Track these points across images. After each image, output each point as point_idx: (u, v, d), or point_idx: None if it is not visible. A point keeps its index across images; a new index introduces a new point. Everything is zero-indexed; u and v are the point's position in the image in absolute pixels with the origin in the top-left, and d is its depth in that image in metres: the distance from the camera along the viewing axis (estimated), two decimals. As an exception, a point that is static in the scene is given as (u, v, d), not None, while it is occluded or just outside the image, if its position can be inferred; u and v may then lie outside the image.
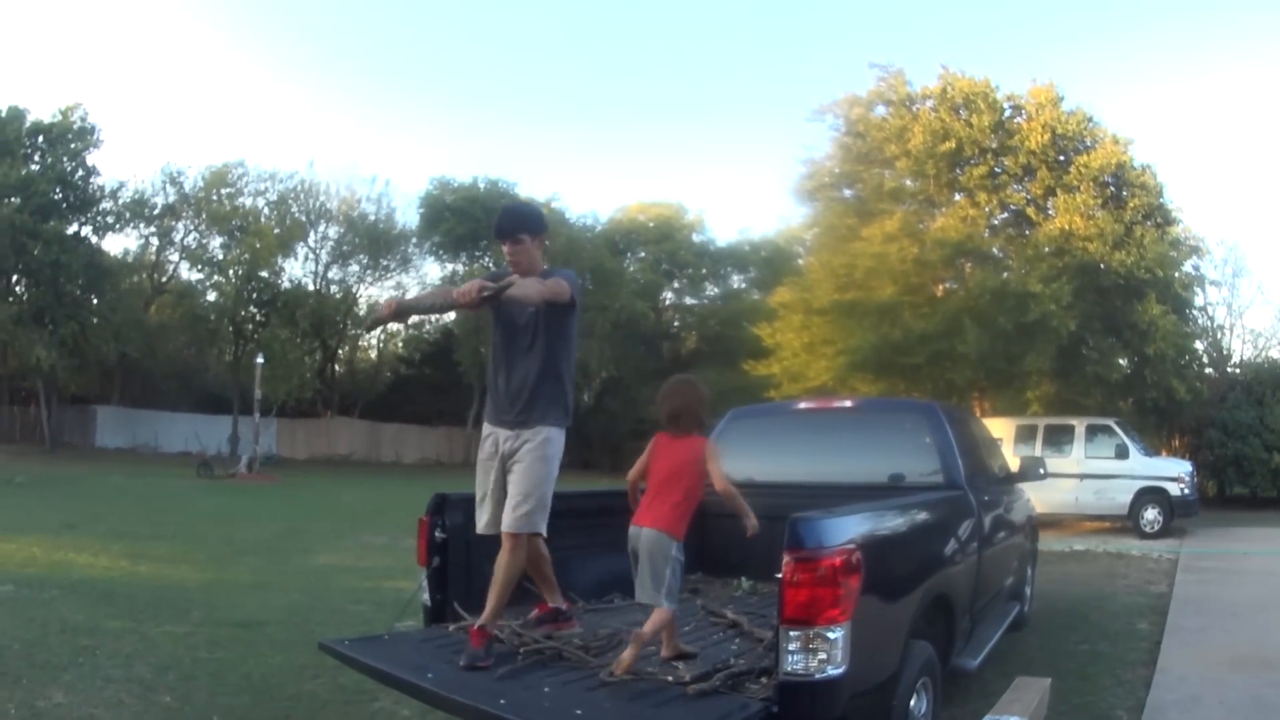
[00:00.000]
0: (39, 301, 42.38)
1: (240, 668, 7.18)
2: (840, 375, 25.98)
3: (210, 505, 22.31)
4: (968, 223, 25.87)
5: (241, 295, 46.83)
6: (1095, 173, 24.72)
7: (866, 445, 7.90)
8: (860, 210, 28.35)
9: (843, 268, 27.07)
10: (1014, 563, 8.64)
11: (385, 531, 17.32)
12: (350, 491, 29.80)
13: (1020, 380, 24.76)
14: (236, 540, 15.78)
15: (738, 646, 5.25)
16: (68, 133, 44.71)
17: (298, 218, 52.47)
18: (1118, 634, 9.50)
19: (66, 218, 44.59)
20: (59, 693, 6.26)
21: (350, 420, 52.97)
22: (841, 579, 3.96)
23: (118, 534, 15.48)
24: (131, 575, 11.56)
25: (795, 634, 3.91)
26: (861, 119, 28.82)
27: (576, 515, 6.81)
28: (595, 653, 4.97)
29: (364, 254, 54.28)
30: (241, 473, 33.66)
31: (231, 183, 50.82)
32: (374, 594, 10.39)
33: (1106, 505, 20.87)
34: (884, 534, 4.89)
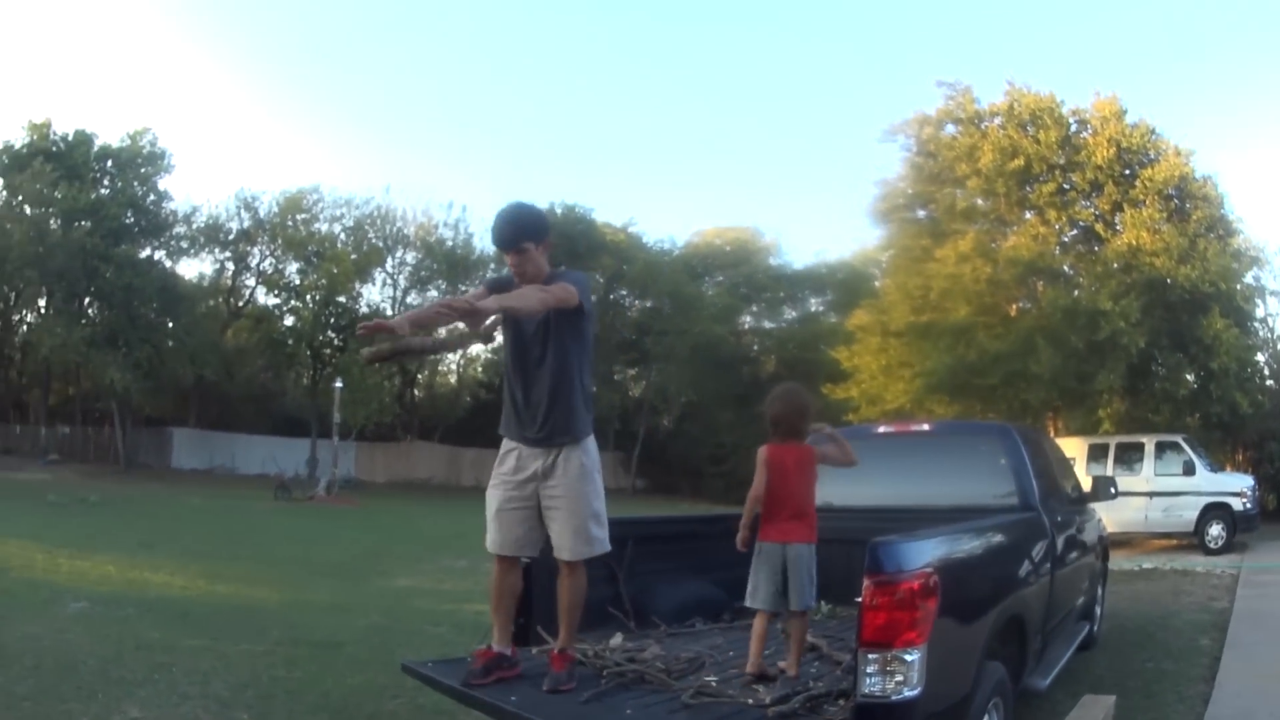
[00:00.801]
0: (112, 324, 42.82)
1: (318, 687, 7.19)
2: (917, 397, 25.99)
3: (288, 527, 22.52)
4: (1039, 241, 25.83)
5: (319, 320, 46.99)
6: (1159, 186, 24.65)
7: (943, 468, 7.95)
8: (933, 231, 28.36)
9: (918, 289, 27.10)
10: (1085, 583, 8.62)
11: (465, 555, 17.24)
12: (430, 515, 29.80)
13: (1092, 399, 24.62)
14: (315, 562, 15.95)
15: (816, 669, 5.30)
16: (137, 157, 45.29)
17: (375, 243, 52.71)
18: (1181, 651, 9.50)
19: (138, 241, 45.25)
20: (134, 708, 6.29)
21: (430, 445, 52.87)
22: (919, 602, 4.01)
23: (194, 554, 15.65)
24: (209, 594, 11.69)
25: (873, 656, 3.95)
26: (932, 138, 28.83)
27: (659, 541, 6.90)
28: (677, 675, 5.01)
29: (442, 279, 54.08)
30: (320, 495, 33.87)
31: (307, 208, 51.28)
32: (454, 617, 10.43)
33: (1174, 522, 20.73)
34: (960, 557, 4.92)
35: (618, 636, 5.84)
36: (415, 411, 56.36)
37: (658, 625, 6.31)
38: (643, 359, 52.07)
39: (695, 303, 49.89)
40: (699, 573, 7.14)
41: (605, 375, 50.56)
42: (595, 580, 5.87)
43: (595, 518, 5.16)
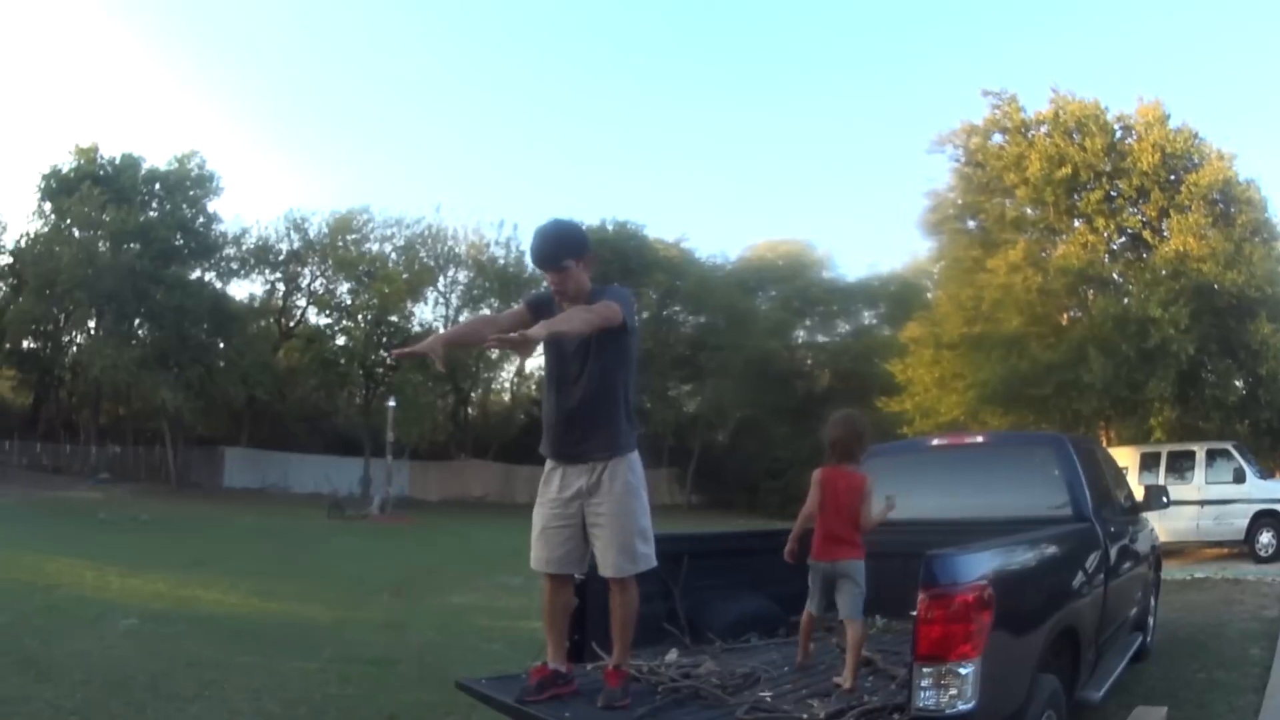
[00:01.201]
0: (163, 345, 43.31)
1: (372, 704, 7.24)
2: (971, 409, 25.92)
3: (342, 545, 22.62)
4: (1088, 249, 25.72)
5: (371, 339, 47.30)
6: (1204, 191, 24.49)
7: (997, 480, 7.93)
8: (984, 241, 28.37)
9: (970, 300, 27.06)
10: (1138, 593, 8.56)
11: (520, 572, 16.95)
12: (484, 533, 29.78)
13: (1144, 407, 24.42)
14: (368, 580, 15.95)
15: (871, 684, 5.28)
16: (185, 180, 45.80)
17: (426, 262, 53.07)
18: (1233, 661, 9.42)
19: (188, 263, 45.79)
20: None
21: (484, 462, 52.91)
22: (974, 615, 4.01)
23: (247, 571, 15.72)
24: (261, 612, 11.76)
25: (928, 670, 3.96)
26: (979, 148, 28.80)
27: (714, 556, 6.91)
28: (732, 691, 4.99)
29: (495, 298, 54.06)
30: (373, 514, 33.99)
31: (357, 229, 51.71)
32: (509, 634, 10.41)
33: (1225, 530, 20.50)
34: (1014, 569, 4.90)
35: (673, 652, 5.85)
36: (469, 429, 56.62)
37: (713, 641, 6.32)
38: (697, 375, 51.95)
39: (748, 318, 50.11)
40: (754, 588, 7.15)
41: (660, 391, 50.71)
42: (650, 596, 5.90)
43: (641, 534, 5.11)
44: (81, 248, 41.77)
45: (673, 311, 51.55)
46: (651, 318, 49.08)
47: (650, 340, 46.55)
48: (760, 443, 48.85)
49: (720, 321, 50.82)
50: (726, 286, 51.14)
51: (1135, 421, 25.29)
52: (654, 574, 5.48)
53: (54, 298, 42.92)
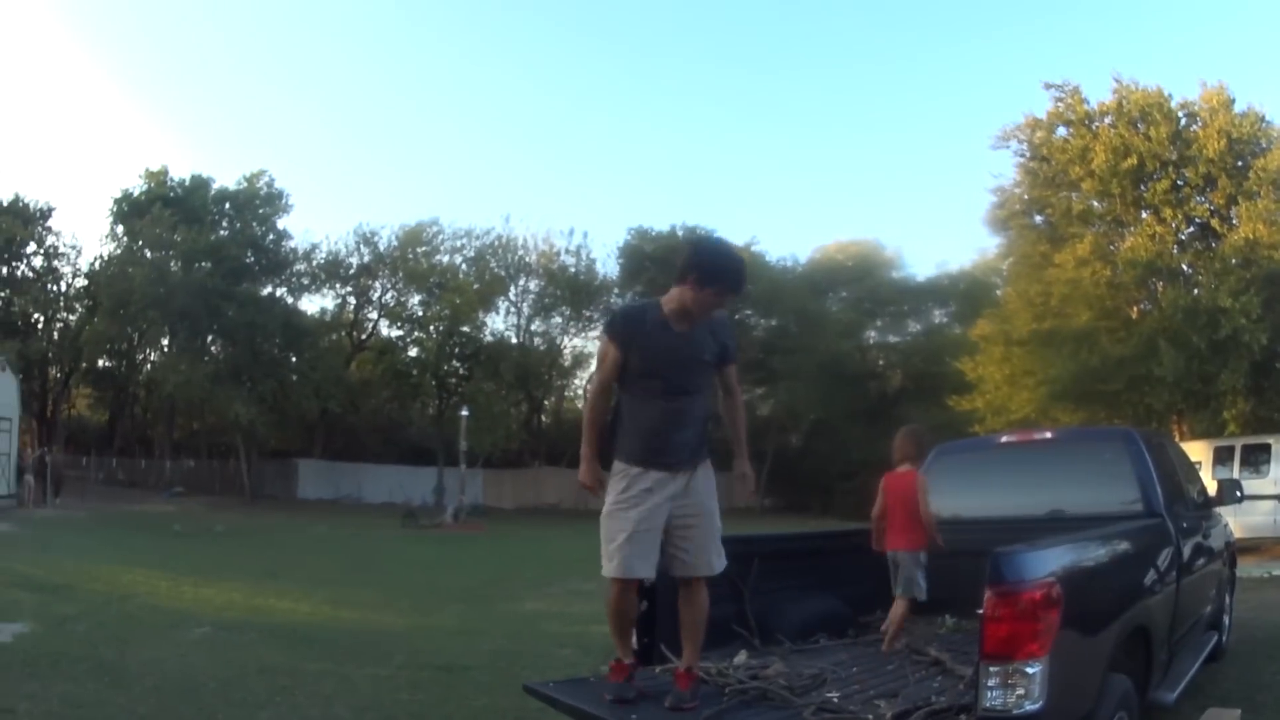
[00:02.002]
0: (236, 360, 44.03)
1: (442, 710, 7.29)
2: (1042, 406, 25.75)
3: (415, 554, 22.77)
4: (1156, 240, 25.39)
5: (443, 350, 47.65)
6: (1273, 175, 24.08)
7: (1066, 476, 7.86)
8: (1051, 236, 28.19)
9: (1038, 296, 26.91)
10: (1212, 591, 8.42)
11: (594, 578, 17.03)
12: (558, 540, 29.83)
13: (1216, 400, 24.06)
14: (441, 588, 16.04)
15: (939, 684, 5.24)
16: (255, 199, 46.56)
17: (496, 272, 53.39)
18: (1314, 664, 9.15)
19: (259, 280, 46.53)
20: None
21: (558, 470, 52.02)
22: (1041, 613, 3.96)
23: (320, 581, 15.88)
24: (333, 620, 11.87)
25: (995, 669, 3.92)
26: (1044, 142, 28.63)
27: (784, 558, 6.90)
28: (799, 692, 4.97)
29: (566, 306, 54.72)
30: (447, 523, 34.07)
31: (427, 240, 52.13)
32: (580, 639, 10.41)
33: (1303, 526, 20.03)
34: (1083, 566, 4.83)
35: (742, 654, 5.84)
36: (542, 437, 56.67)
37: (782, 642, 6.30)
38: (769, 378, 51.47)
39: (820, 319, 50.08)
40: (823, 589, 7.15)
41: None
42: (720, 599, 5.88)
43: (720, 533, 5.28)
44: (154, 268, 42.59)
45: (744, 315, 51.05)
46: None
47: None
48: (834, 444, 48.48)
49: (791, 324, 50.90)
50: (797, 288, 51.08)
51: (1208, 415, 24.92)
52: (723, 576, 5.53)
53: (127, 317, 43.68)
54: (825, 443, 50.21)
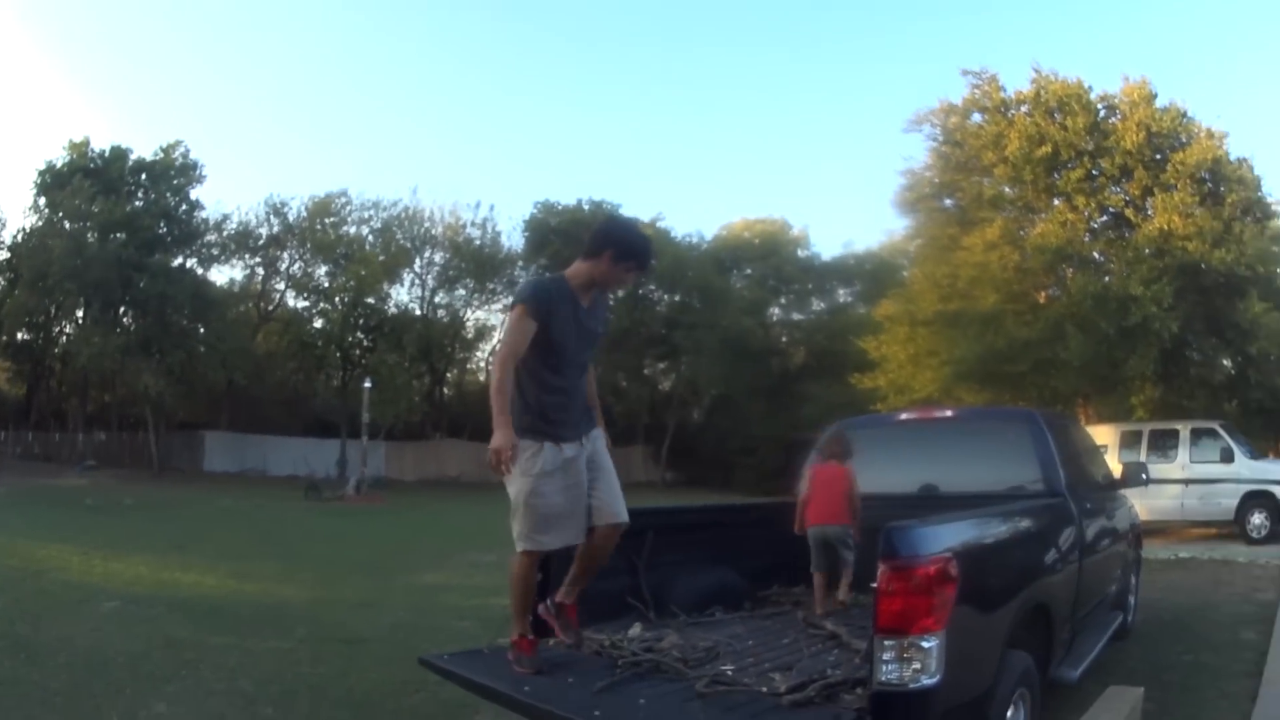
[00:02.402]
0: (146, 332, 43.46)
1: (343, 683, 7.31)
2: (945, 386, 25.80)
3: (318, 527, 22.59)
4: (1067, 227, 25.47)
5: (348, 321, 47.53)
6: (1192, 170, 24.20)
7: (967, 455, 7.84)
8: (961, 219, 28.18)
9: (945, 278, 26.93)
10: (1116, 571, 8.47)
11: (493, 550, 16.94)
12: (458, 512, 29.89)
13: (1124, 386, 24.32)
14: (343, 560, 15.98)
15: (835, 658, 5.22)
16: (170, 169, 45.90)
17: (403, 244, 53.15)
18: (1222, 644, 9.28)
19: (171, 251, 45.85)
20: (161, 704, 6.43)
21: (459, 442, 52.53)
22: (937, 588, 3.93)
23: (224, 554, 15.73)
24: (237, 593, 11.78)
25: (890, 643, 3.88)
26: (958, 127, 28.59)
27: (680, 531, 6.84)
28: (693, 665, 4.94)
29: (470, 278, 54.80)
30: (349, 495, 33.91)
31: (335, 212, 51.75)
32: (479, 611, 10.38)
33: (1212, 511, 20.20)
34: (981, 543, 4.81)
35: (636, 627, 5.81)
36: (444, 410, 56.72)
37: (677, 615, 6.24)
38: (672, 353, 52.06)
39: (724, 296, 50.23)
40: (720, 562, 7.10)
41: (634, 369, 51.40)
42: (615, 571, 5.92)
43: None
44: (71, 239, 41.88)
45: (648, 290, 51.33)
46: (627, 296, 48.53)
47: (625, 319, 47.07)
48: (735, 420, 48.80)
49: (695, 300, 50.89)
50: (702, 265, 51.39)
51: (1115, 399, 25.19)
52: (618, 549, 5.56)
53: (46, 290, 43.02)
54: (726, 418, 50.48)
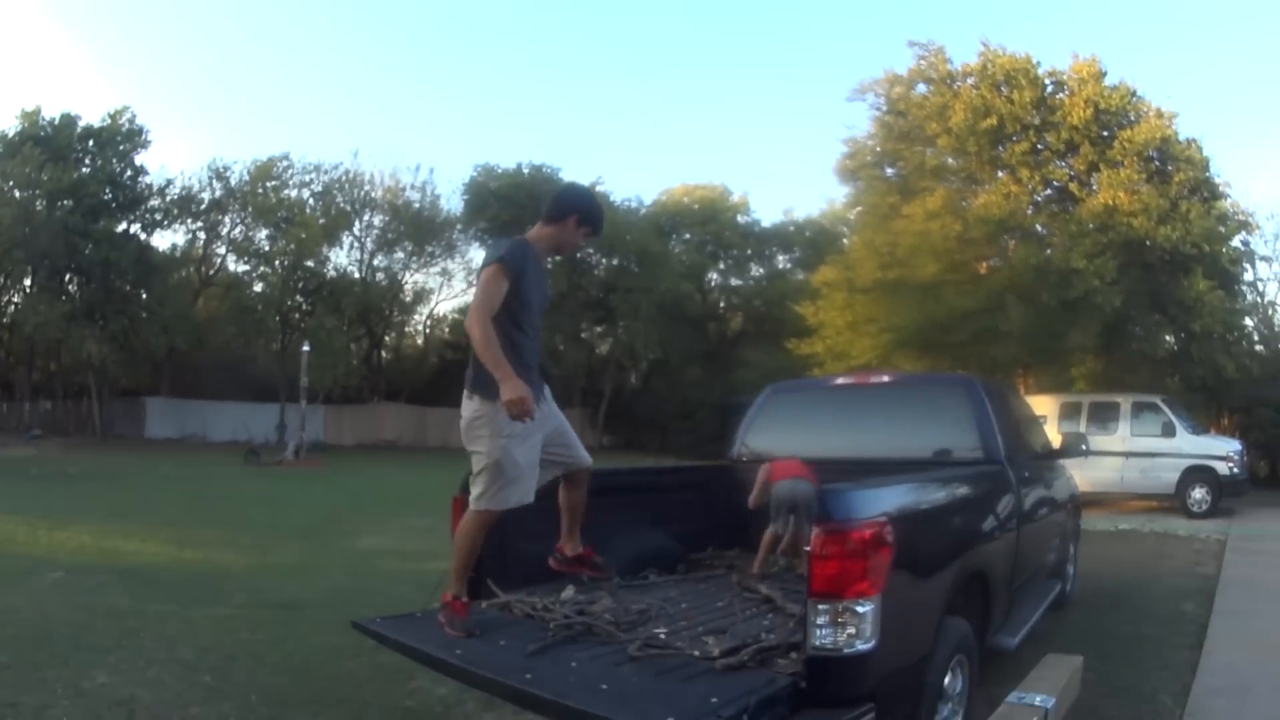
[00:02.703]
0: (90, 299, 43.09)
1: (280, 649, 7.35)
2: (884, 353, 25.73)
3: (257, 492, 22.41)
4: (1010, 199, 25.51)
5: (288, 285, 47.29)
6: (1139, 147, 24.31)
7: (904, 420, 7.73)
8: (902, 188, 28.04)
9: (885, 246, 26.79)
10: (1055, 540, 8.49)
11: (430, 514, 16.87)
12: (396, 476, 29.91)
13: (1065, 357, 24.44)
14: (281, 525, 15.84)
15: (770, 622, 5.16)
16: (117, 135, 45.50)
17: (343, 208, 52.78)
18: (1162, 616, 9.38)
19: (116, 216, 45.43)
20: (103, 674, 6.42)
21: (397, 406, 52.84)
22: (871, 552, 3.90)
23: (165, 521, 15.57)
24: (177, 560, 11.68)
25: (823, 607, 3.84)
26: (902, 97, 28.54)
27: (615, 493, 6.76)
28: (626, 628, 4.89)
29: (409, 241, 54.62)
30: (288, 459, 33.72)
31: (277, 175, 51.18)
32: (416, 575, 10.23)
33: (1153, 484, 20.45)
34: (917, 508, 4.80)
35: (569, 589, 5.71)
36: (382, 374, 56.39)
37: (610, 578, 6.15)
38: (609, 317, 51.66)
39: (662, 260, 49.97)
40: (654, 525, 7.05)
41: (572, 333, 51.05)
42: (548, 533, 5.84)
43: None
44: (20, 208, 41.55)
45: (586, 254, 50.76)
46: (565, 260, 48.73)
47: (564, 282, 46.85)
48: (672, 384, 49.01)
49: (633, 264, 50.58)
50: (641, 230, 51.03)
51: (1055, 371, 25.28)
52: (550, 508, 5.61)
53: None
54: (663, 382, 50.86)
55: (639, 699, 3.81)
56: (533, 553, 5.82)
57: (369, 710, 6.07)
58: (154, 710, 5.81)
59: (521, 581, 5.68)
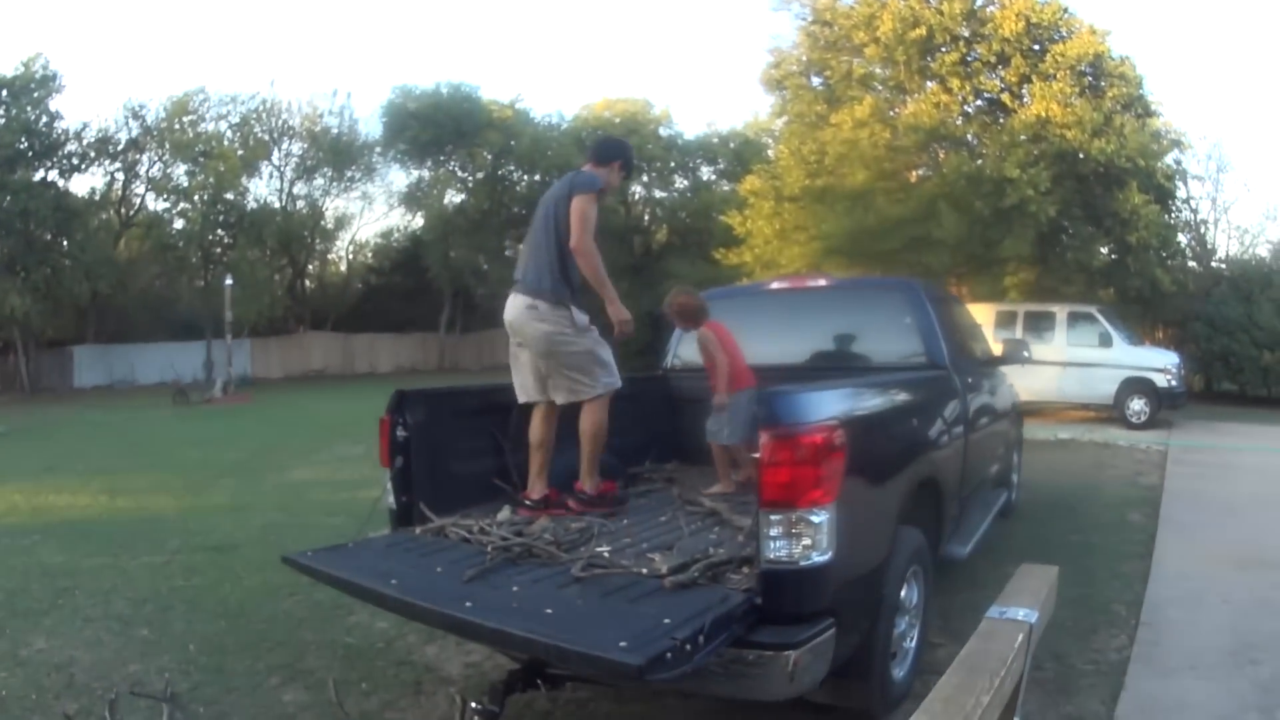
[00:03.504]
0: (10, 251, 42.11)
1: (216, 593, 7.30)
2: (814, 262, 25.51)
3: (187, 432, 22.09)
4: (940, 109, 25.34)
5: (208, 220, 46.51)
6: (1072, 62, 24.09)
7: (845, 325, 7.52)
8: (829, 98, 27.80)
9: (813, 154, 26.56)
10: (1000, 449, 8.41)
11: (360, 442, 16.98)
12: (324, 405, 29.86)
13: (998, 266, 24.40)
14: (212, 464, 15.67)
15: (717, 536, 4.99)
16: (30, 83, 44.36)
17: (261, 138, 52.03)
18: (1110, 525, 9.46)
19: (33, 165, 44.38)
20: (40, 638, 6.30)
21: (323, 334, 52.56)
22: (824, 458, 3.71)
23: (96, 470, 15.30)
24: (110, 510, 11.49)
25: (776, 518, 3.66)
26: (828, 7, 28.13)
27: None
28: (567, 548, 4.68)
29: (328, 167, 54.01)
30: (216, 396, 33.41)
31: (194, 110, 50.09)
32: (349, 506, 10.29)
33: (1090, 394, 20.57)
34: (867, 412, 4.65)
35: (505, 510, 5.49)
36: (307, 303, 55.70)
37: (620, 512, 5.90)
38: (531, 233, 51.20)
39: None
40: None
41: (495, 251, 50.70)
42: (480, 452, 5.77)
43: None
44: (-66, 163, 40.35)
45: (507, 171, 50.84)
46: (486, 178, 49.22)
47: (485, 200, 47.38)
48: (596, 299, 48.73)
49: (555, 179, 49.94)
50: (562, 145, 50.17)
51: (989, 280, 25.15)
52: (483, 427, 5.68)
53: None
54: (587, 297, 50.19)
55: (587, 623, 3.61)
56: (466, 474, 5.65)
57: (309, 650, 5.98)
58: (93, 671, 5.68)
59: (456, 504, 5.46)
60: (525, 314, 5.88)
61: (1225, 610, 6.55)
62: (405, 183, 53.97)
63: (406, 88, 51.01)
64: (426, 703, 5.16)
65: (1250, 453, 16.13)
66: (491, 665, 5.61)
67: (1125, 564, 7.75)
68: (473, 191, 49.94)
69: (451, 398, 5.95)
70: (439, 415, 5.52)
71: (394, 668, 5.69)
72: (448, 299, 49.96)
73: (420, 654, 5.87)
